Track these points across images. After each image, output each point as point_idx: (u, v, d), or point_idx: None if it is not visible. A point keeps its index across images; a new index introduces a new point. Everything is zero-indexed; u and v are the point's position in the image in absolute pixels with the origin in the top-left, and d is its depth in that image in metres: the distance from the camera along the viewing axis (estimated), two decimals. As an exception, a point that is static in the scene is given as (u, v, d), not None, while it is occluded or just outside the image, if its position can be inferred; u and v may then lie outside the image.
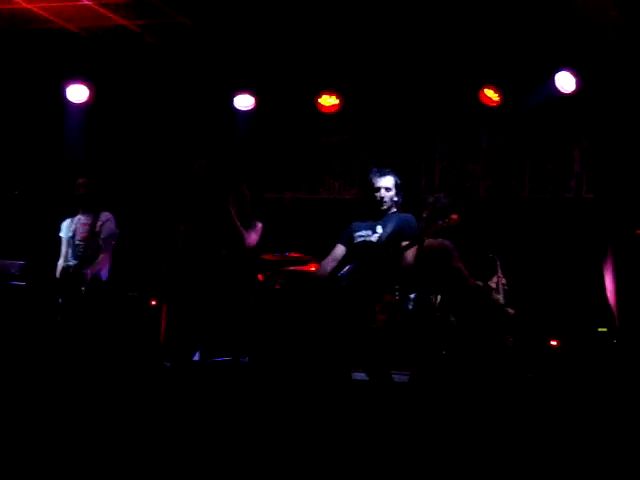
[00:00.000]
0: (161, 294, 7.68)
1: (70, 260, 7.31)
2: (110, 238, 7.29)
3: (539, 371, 6.90)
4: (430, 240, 5.97)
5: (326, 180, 9.88)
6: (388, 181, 6.08)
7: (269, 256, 8.45)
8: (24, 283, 8.03)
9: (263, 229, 6.87)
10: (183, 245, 6.77)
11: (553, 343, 7.68)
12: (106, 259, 7.28)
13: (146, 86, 9.49)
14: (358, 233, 6.08)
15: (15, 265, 8.11)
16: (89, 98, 9.31)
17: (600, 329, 7.76)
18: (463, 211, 6.01)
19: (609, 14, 7.32)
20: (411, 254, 5.91)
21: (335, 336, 5.91)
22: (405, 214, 6.11)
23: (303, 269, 8.02)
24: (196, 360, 7.63)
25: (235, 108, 9.37)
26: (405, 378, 6.84)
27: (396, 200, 6.10)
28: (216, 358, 7.33)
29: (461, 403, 5.97)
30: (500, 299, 6.35)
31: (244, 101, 9.34)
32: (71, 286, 7.11)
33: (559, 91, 8.38)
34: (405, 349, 7.70)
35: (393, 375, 6.09)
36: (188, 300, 6.68)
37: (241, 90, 9.31)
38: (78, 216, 7.45)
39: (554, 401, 6.40)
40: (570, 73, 8.31)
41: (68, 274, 7.20)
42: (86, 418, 5.45)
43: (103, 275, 7.33)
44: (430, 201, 6.38)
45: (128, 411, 5.71)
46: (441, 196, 6.41)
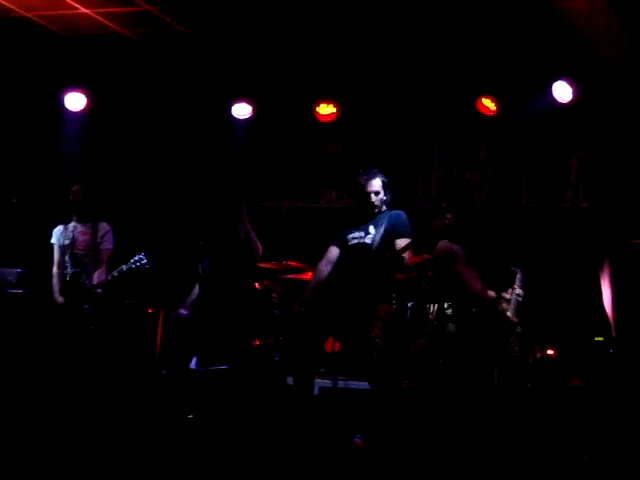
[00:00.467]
0: (158, 302, 7.68)
1: (69, 269, 7.30)
2: (108, 250, 7.31)
3: (538, 381, 6.90)
4: (441, 243, 6.02)
5: (323, 189, 9.89)
6: (376, 184, 6.09)
7: (266, 264, 8.45)
8: (21, 291, 8.01)
9: (260, 237, 6.93)
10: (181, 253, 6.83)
11: (550, 352, 7.68)
12: (104, 271, 7.29)
13: (144, 94, 9.50)
14: (351, 235, 6.09)
15: (12, 273, 8.09)
16: (87, 106, 9.31)
17: (597, 338, 7.77)
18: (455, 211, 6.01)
19: (606, 23, 7.34)
20: (408, 255, 5.93)
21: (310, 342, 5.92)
22: (395, 211, 6.12)
23: (300, 277, 8.02)
24: (193, 368, 7.64)
25: (233, 117, 9.38)
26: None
27: (385, 199, 6.12)
28: (213, 366, 7.34)
29: (458, 412, 5.97)
30: (508, 309, 6.33)
31: (242, 110, 9.35)
32: (74, 303, 7.11)
33: (556, 100, 8.40)
34: (403, 358, 7.71)
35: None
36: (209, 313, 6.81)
37: (239, 99, 9.33)
38: (73, 224, 7.43)
39: (552, 410, 6.40)
40: (567, 83, 8.34)
41: (71, 286, 7.18)
42: (83, 424, 5.45)
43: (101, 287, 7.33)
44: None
45: (124, 418, 5.71)
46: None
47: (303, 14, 7.85)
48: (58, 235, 7.46)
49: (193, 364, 7.70)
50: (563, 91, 8.37)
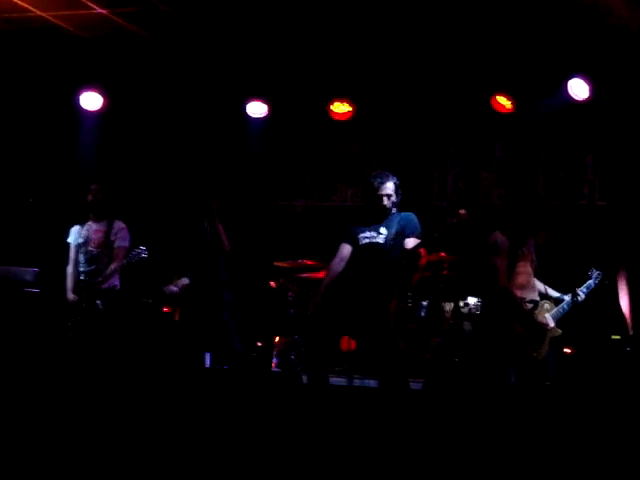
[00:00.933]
0: (174, 300, 7.70)
1: (82, 267, 7.33)
2: (123, 248, 7.30)
3: (554, 379, 6.88)
4: (493, 234, 6.09)
5: (338, 187, 9.89)
6: (389, 188, 6.07)
7: (282, 263, 8.47)
8: (38, 290, 8.05)
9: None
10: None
11: (567, 350, 7.66)
12: (118, 269, 7.30)
13: (160, 94, 9.52)
14: (362, 235, 6.07)
15: (29, 272, 8.13)
16: (103, 106, 9.35)
17: (614, 337, 7.74)
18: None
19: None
20: (422, 252, 5.96)
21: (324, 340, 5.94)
22: (405, 213, 6.13)
23: (315, 276, 8.03)
24: (207, 367, 7.66)
25: (248, 115, 9.40)
26: (419, 386, 6.85)
27: (396, 202, 6.12)
28: (226, 365, 7.36)
29: (473, 410, 5.96)
30: (544, 313, 6.31)
31: (257, 108, 9.37)
32: (86, 301, 7.14)
33: (572, 98, 8.37)
34: (418, 356, 7.70)
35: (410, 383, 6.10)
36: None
37: (254, 97, 9.34)
38: (89, 222, 7.45)
39: (568, 408, 6.38)
40: (583, 80, 8.31)
41: (84, 287, 7.21)
42: (98, 424, 5.47)
43: (116, 284, 7.36)
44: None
45: (139, 417, 5.72)
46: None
47: (319, 13, 7.85)
48: (74, 234, 7.49)
49: (208, 361, 7.74)
50: (579, 88, 8.34)
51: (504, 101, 8.65)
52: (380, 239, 5.99)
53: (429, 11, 7.67)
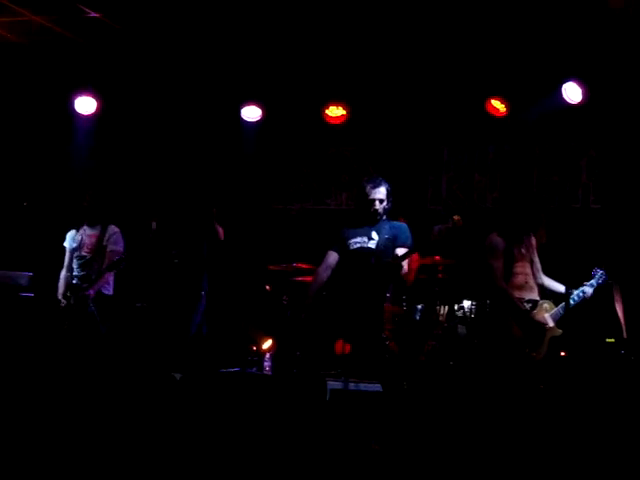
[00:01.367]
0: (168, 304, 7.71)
1: (75, 271, 7.34)
2: (115, 252, 7.30)
3: (548, 382, 6.89)
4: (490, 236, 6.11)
5: (333, 191, 9.89)
6: (381, 193, 6.09)
7: (276, 267, 8.46)
8: (32, 294, 8.04)
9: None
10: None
11: (561, 353, 7.66)
12: (110, 273, 7.30)
13: (154, 97, 9.53)
14: (353, 240, 6.08)
15: (24, 276, 8.13)
16: (97, 110, 9.34)
17: (608, 340, 7.74)
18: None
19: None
20: (406, 264, 5.97)
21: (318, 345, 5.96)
22: (397, 222, 6.16)
23: (310, 280, 8.03)
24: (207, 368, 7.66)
25: (242, 119, 9.40)
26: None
27: (387, 208, 6.14)
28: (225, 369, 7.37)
29: (468, 413, 5.96)
30: (543, 313, 6.31)
31: (251, 112, 9.37)
32: (77, 306, 7.13)
33: (566, 101, 8.38)
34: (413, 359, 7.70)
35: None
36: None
37: (248, 101, 9.35)
38: (84, 227, 7.47)
39: (562, 411, 6.39)
40: (577, 83, 8.32)
41: (72, 291, 7.21)
42: (93, 429, 5.46)
43: (108, 289, 7.36)
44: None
45: (135, 422, 5.72)
46: None
47: (314, 17, 7.87)
48: (70, 239, 7.51)
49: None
50: (573, 92, 8.35)
51: (498, 104, 8.66)
52: (371, 244, 6.01)
53: (423, 15, 7.69)
